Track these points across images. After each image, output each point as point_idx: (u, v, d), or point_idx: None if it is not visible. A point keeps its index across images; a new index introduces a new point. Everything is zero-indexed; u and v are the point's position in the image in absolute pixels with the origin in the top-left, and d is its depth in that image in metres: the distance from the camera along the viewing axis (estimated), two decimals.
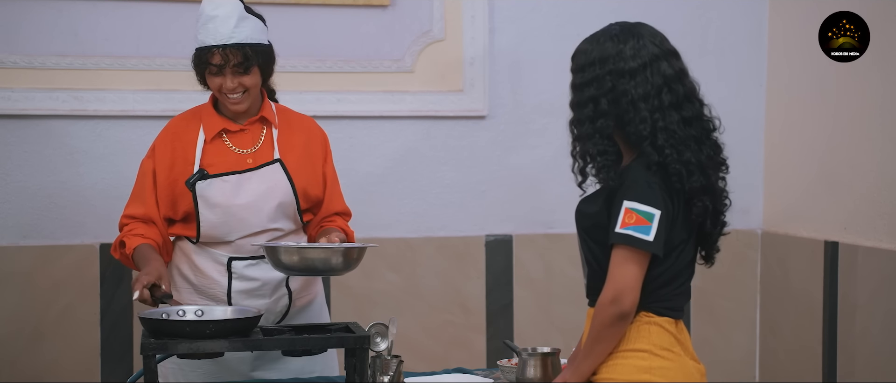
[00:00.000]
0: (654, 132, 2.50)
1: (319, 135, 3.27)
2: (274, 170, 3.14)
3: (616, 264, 2.49)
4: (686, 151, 2.51)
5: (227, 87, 3.07)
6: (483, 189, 4.17)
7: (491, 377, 3.01)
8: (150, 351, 2.63)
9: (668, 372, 2.53)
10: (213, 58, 3.05)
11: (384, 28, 4.11)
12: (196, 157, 3.11)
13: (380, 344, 2.84)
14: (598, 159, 2.54)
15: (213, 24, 3.04)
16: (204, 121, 3.16)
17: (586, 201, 2.62)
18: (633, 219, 2.46)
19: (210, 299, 3.13)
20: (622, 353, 2.54)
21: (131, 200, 3.18)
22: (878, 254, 3.79)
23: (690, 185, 2.50)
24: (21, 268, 3.89)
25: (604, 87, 2.53)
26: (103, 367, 3.95)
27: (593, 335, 2.53)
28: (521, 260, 4.28)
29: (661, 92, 2.52)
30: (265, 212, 3.12)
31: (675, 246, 2.53)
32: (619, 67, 2.53)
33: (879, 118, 3.84)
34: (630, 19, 4.35)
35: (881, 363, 3.78)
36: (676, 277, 2.56)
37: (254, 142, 3.16)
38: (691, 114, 2.54)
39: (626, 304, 2.48)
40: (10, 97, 3.85)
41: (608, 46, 2.57)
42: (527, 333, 4.22)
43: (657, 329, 2.54)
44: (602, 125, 2.54)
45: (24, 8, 3.86)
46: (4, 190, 3.89)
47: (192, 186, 3.08)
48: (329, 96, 4.02)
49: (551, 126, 4.31)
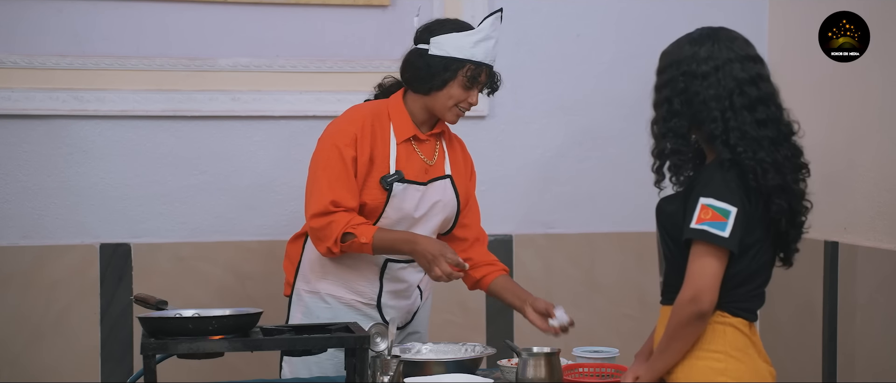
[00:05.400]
0: (727, 131, 2.55)
1: (468, 154, 3.41)
2: (446, 184, 3.27)
3: (693, 261, 2.53)
4: (760, 151, 2.55)
5: (474, 102, 3.21)
6: (483, 189, 4.17)
7: (491, 377, 3.01)
8: (150, 351, 2.63)
9: (742, 374, 2.57)
10: (482, 76, 3.19)
11: (384, 28, 4.11)
12: (392, 157, 3.18)
13: (380, 344, 2.84)
14: (673, 158, 2.62)
15: (489, 44, 3.19)
16: (394, 121, 3.21)
17: (667, 199, 2.69)
18: (708, 215, 2.51)
19: (357, 295, 3.23)
20: (697, 354, 2.57)
21: (334, 186, 3.12)
22: (878, 254, 3.79)
23: (766, 184, 2.54)
24: (21, 268, 3.89)
25: (677, 88, 2.60)
26: (103, 367, 3.95)
27: (670, 333, 2.57)
28: (521, 260, 4.28)
29: (732, 94, 2.57)
30: (431, 224, 3.24)
31: (750, 245, 2.56)
32: (692, 69, 2.60)
33: (879, 118, 3.84)
34: (631, 19, 4.39)
35: (881, 363, 3.78)
36: (752, 278, 2.60)
37: (432, 153, 3.26)
38: (766, 117, 2.58)
39: (705, 303, 2.51)
40: (10, 97, 3.85)
41: (685, 49, 2.64)
42: (527, 333, 4.21)
43: (732, 330, 2.58)
44: (675, 124, 2.60)
45: (24, 8, 3.86)
46: (4, 190, 3.89)
47: (390, 186, 3.14)
48: (329, 96, 4.02)
49: (551, 126, 4.31)
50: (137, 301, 2.98)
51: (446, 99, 3.18)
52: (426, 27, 3.24)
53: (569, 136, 4.34)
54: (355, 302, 3.24)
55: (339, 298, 3.24)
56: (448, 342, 3.21)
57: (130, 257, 3.97)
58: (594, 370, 3.00)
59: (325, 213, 3.10)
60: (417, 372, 2.93)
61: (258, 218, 4.08)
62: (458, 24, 3.24)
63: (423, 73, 3.17)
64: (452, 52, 3.15)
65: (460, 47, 3.16)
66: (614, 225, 4.38)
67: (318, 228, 3.12)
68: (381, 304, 3.25)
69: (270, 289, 4.00)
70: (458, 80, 3.16)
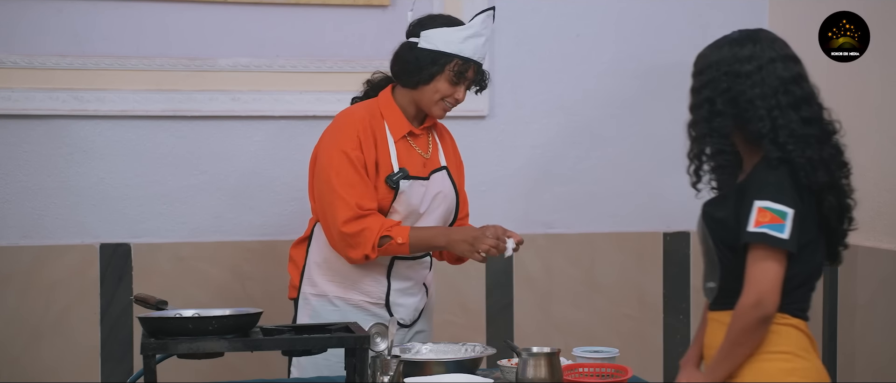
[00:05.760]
0: (775, 129, 2.55)
1: (456, 145, 3.43)
2: (443, 176, 3.29)
3: (754, 265, 2.51)
4: (808, 149, 2.55)
5: (461, 98, 3.22)
6: (483, 189, 4.17)
7: (491, 377, 3.01)
8: (150, 351, 2.63)
9: (810, 373, 2.58)
10: (470, 72, 3.19)
11: (384, 28, 4.11)
12: (393, 155, 3.20)
13: (380, 344, 2.84)
14: (716, 158, 2.61)
15: (479, 41, 3.19)
16: (388, 119, 3.23)
17: (713, 204, 2.66)
18: (767, 218, 2.50)
19: (365, 295, 3.24)
20: (764, 357, 2.56)
21: (353, 190, 3.13)
22: (878, 254, 3.80)
23: (817, 181, 2.55)
24: (21, 267, 3.89)
25: (719, 88, 2.59)
26: (103, 367, 3.95)
27: (733, 338, 2.54)
28: (521, 260, 4.28)
29: (777, 92, 2.57)
30: (434, 217, 3.26)
31: (805, 245, 2.56)
32: (735, 69, 2.59)
33: (879, 118, 3.84)
34: (631, 19, 4.38)
35: (881, 363, 3.79)
36: (810, 278, 2.61)
37: (426, 147, 3.29)
38: (810, 115, 2.59)
39: (769, 307, 2.51)
40: (10, 97, 3.85)
41: (725, 50, 2.63)
42: (527, 333, 4.22)
43: (795, 331, 2.58)
44: (718, 124, 2.59)
45: (24, 8, 3.86)
46: (4, 190, 3.89)
47: (396, 184, 3.16)
48: (329, 96, 4.02)
49: (551, 126, 4.31)
50: (137, 301, 2.98)
51: (433, 93, 3.19)
52: (418, 21, 3.26)
53: (569, 136, 4.33)
54: (364, 302, 3.24)
55: (346, 300, 3.24)
56: (448, 342, 3.21)
57: (130, 257, 3.97)
58: (594, 370, 3.00)
59: (356, 218, 3.11)
60: (417, 372, 2.93)
61: (258, 218, 4.08)
62: (449, 19, 3.25)
63: (411, 66, 3.19)
64: (441, 47, 3.16)
65: (449, 42, 3.17)
66: (614, 225, 4.38)
67: (352, 235, 3.12)
68: (390, 303, 3.26)
69: (270, 289, 4.00)
70: (445, 75, 3.17)
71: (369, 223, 3.11)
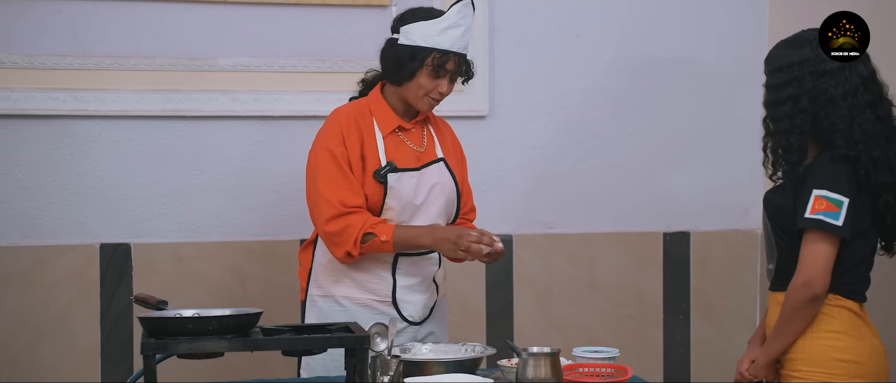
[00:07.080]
0: (851, 127, 2.69)
1: (456, 137, 3.44)
2: (440, 168, 3.28)
3: (807, 248, 2.69)
4: (876, 148, 2.70)
5: (445, 91, 3.20)
6: (483, 189, 4.17)
7: (491, 377, 3.01)
8: (150, 351, 2.63)
9: (861, 351, 2.77)
10: (449, 63, 3.17)
11: (384, 28, 4.09)
12: (380, 150, 3.19)
13: (380, 344, 2.84)
14: (795, 154, 2.74)
15: (456, 32, 3.17)
16: (376, 116, 3.23)
17: (776, 192, 2.83)
18: (823, 206, 2.66)
19: (372, 294, 3.24)
20: (816, 335, 2.75)
21: (336, 188, 3.13)
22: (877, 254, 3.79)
23: (876, 180, 2.70)
24: (21, 267, 3.89)
25: (804, 87, 2.73)
26: (103, 367, 3.95)
27: (785, 316, 2.73)
28: (521, 260, 4.28)
29: (857, 91, 2.72)
30: (433, 209, 3.25)
31: (858, 232, 2.71)
32: (820, 68, 2.74)
33: None
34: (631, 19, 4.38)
35: None
36: (861, 262, 2.78)
37: (420, 140, 3.28)
38: (883, 113, 2.74)
39: (818, 287, 2.68)
40: (10, 97, 3.85)
41: (806, 50, 2.78)
42: (527, 333, 4.22)
43: (846, 312, 2.76)
44: (801, 121, 2.74)
45: (24, 7, 3.86)
46: (4, 189, 3.89)
47: (384, 178, 3.15)
48: (329, 96, 4.01)
49: (551, 126, 4.31)
50: (137, 301, 2.98)
51: (416, 88, 3.19)
52: (399, 16, 3.27)
53: (569, 136, 4.33)
54: (371, 301, 3.24)
55: (353, 299, 3.24)
56: (448, 342, 3.21)
57: (130, 257, 3.97)
58: (594, 370, 3.00)
59: (339, 216, 3.11)
60: (417, 372, 2.93)
61: (258, 218, 4.08)
62: (427, 12, 3.24)
63: (393, 64, 3.20)
64: (419, 41, 3.16)
65: (426, 36, 3.16)
66: (614, 225, 4.38)
67: (334, 233, 3.12)
68: (397, 300, 3.25)
69: (270, 289, 4.00)
70: (426, 69, 3.17)
71: (352, 220, 3.11)
